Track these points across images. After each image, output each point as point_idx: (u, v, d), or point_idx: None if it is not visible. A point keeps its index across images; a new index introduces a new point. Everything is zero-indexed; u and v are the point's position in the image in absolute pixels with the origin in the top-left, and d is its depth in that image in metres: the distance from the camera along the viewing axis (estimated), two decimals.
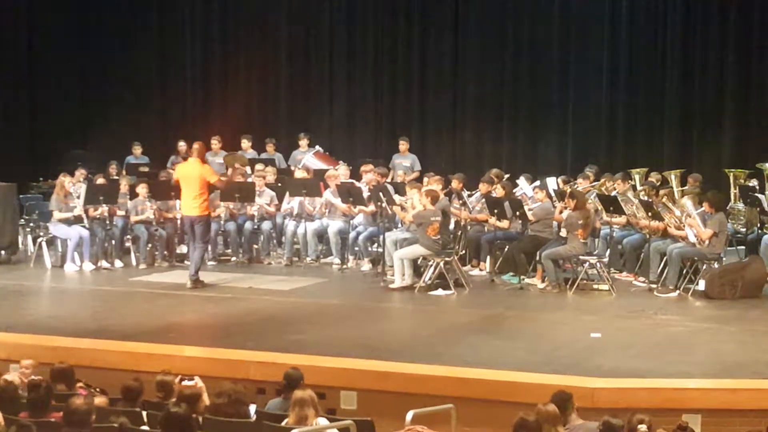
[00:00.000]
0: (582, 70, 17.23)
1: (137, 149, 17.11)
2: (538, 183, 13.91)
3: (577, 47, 17.26)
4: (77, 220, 13.72)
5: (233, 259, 14.33)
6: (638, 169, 15.08)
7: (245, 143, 16.64)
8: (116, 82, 19.50)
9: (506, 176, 14.26)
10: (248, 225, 14.30)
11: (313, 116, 18.79)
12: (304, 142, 16.59)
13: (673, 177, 14.55)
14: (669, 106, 16.70)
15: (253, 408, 7.10)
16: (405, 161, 16.16)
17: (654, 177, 14.38)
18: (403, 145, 16.36)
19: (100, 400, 7.04)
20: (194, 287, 12.37)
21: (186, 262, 13.43)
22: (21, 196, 15.62)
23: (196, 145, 12.78)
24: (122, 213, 14.07)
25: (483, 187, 13.73)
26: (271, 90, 19.31)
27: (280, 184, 14.85)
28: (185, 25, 19.75)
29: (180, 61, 19.78)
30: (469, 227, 13.79)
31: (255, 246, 14.50)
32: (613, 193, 13.31)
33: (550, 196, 13.41)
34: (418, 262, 12.62)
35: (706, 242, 11.80)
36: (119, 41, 19.57)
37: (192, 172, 12.52)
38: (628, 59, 16.94)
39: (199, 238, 12.52)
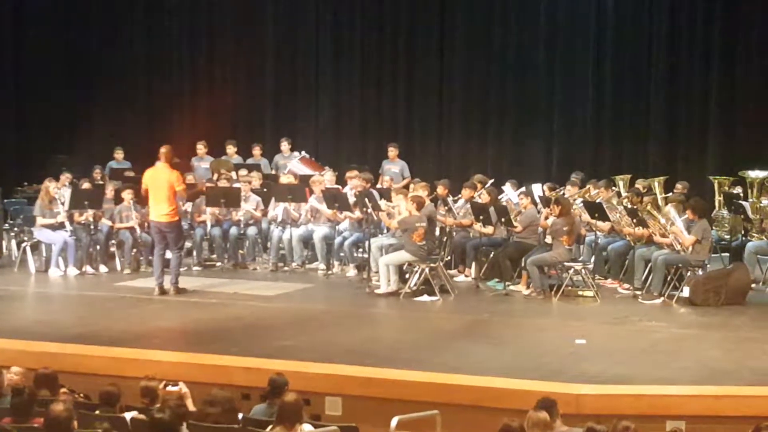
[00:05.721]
0: (567, 78, 17.26)
1: (119, 154, 17.04)
2: (523, 189, 13.94)
3: (563, 55, 17.29)
4: (61, 225, 13.67)
5: (218, 264, 14.29)
6: (622, 176, 15.10)
7: (230, 149, 16.60)
8: (102, 86, 19.43)
9: (490, 181, 14.27)
10: (234, 230, 14.27)
11: (299, 121, 18.79)
12: (285, 146, 16.57)
13: (656, 184, 14.57)
14: (654, 113, 16.77)
15: (239, 415, 7.07)
16: (394, 167, 16.12)
17: (641, 184, 14.40)
18: (392, 151, 16.30)
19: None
20: (169, 293, 12.24)
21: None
22: (5, 200, 15.55)
23: (163, 149, 12.21)
24: (108, 219, 14.02)
25: (465, 193, 13.77)
26: (258, 95, 19.27)
27: (266, 190, 14.81)
28: (172, 31, 19.73)
29: (166, 67, 19.78)
30: (454, 233, 13.80)
31: (240, 251, 14.45)
32: (598, 200, 13.34)
33: (535, 203, 13.44)
34: (404, 267, 12.61)
35: (689, 249, 11.85)
36: (105, 46, 19.56)
37: (160, 176, 12.12)
38: (614, 66, 16.98)
39: (173, 245, 12.25)
